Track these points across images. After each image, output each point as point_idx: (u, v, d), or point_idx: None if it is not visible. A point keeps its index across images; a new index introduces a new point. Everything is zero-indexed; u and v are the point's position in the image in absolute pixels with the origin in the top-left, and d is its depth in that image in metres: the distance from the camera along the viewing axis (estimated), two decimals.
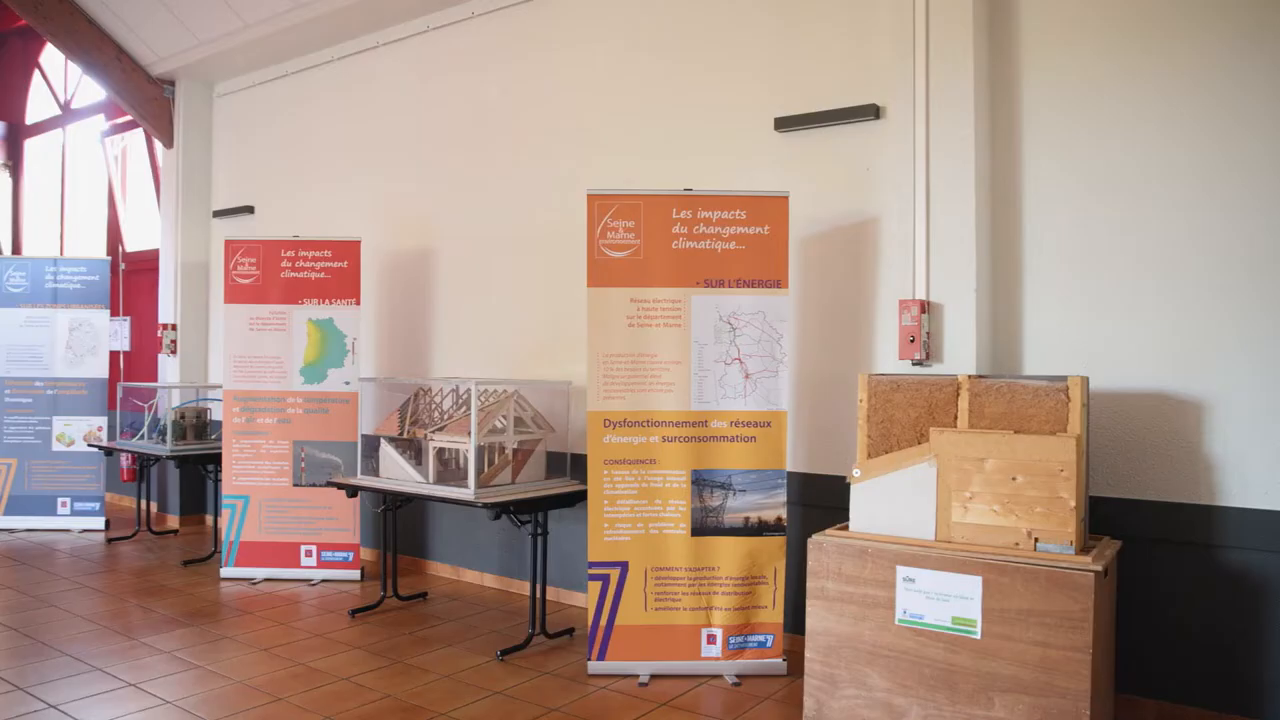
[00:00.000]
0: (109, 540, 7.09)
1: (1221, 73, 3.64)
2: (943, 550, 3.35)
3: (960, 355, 3.95)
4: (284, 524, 5.86)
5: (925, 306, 4.00)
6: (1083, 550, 3.26)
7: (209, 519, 7.63)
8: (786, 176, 4.55)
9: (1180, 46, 3.72)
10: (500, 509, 4.37)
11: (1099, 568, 3.11)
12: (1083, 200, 3.91)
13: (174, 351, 7.72)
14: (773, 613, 4.15)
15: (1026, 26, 4.06)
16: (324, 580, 5.83)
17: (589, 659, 4.16)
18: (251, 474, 5.87)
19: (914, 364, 4.03)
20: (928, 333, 4.00)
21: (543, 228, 5.58)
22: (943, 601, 3.31)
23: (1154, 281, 3.75)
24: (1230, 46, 3.63)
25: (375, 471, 5.07)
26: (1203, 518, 3.63)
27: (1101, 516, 3.75)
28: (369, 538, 6.23)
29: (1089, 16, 3.91)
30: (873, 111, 4.34)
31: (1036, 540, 3.27)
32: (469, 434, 4.52)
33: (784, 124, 4.59)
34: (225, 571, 5.87)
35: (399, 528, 5.48)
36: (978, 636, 3.24)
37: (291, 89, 7.19)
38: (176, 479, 7.66)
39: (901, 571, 3.39)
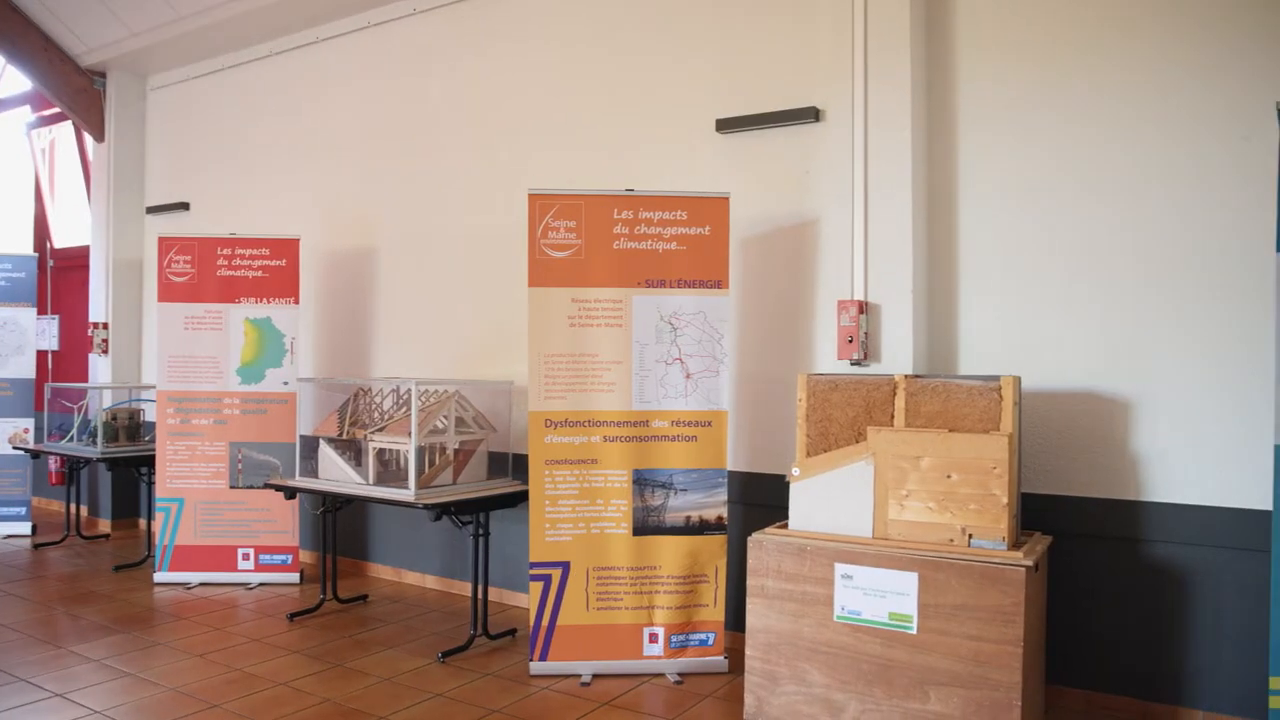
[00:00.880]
0: (36, 546, 6.89)
1: (1146, 81, 3.75)
2: (880, 547, 3.40)
3: (897, 355, 4.01)
4: (220, 527, 5.74)
5: (863, 307, 4.06)
6: (1015, 546, 3.34)
7: (142, 523, 7.44)
8: (728, 177, 4.58)
9: (1107, 55, 3.83)
10: (441, 510, 4.34)
11: (1030, 563, 3.18)
12: (1016, 203, 4.00)
13: (105, 351, 7.52)
14: (714, 611, 4.18)
15: (962, 35, 4.14)
16: (262, 584, 5.73)
17: (531, 659, 4.15)
18: (186, 476, 5.74)
19: (852, 364, 4.08)
20: (865, 333, 4.06)
21: (485, 227, 5.55)
22: (880, 598, 3.36)
23: (1084, 283, 3.85)
24: (1154, 54, 3.74)
25: (314, 473, 5.00)
26: (1130, 513, 3.74)
27: (1033, 512, 3.84)
28: (308, 540, 6.13)
29: (1021, 27, 4.00)
30: (813, 114, 4.39)
31: (970, 536, 3.33)
32: (409, 434, 4.47)
33: (725, 125, 4.62)
34: (159, 576, 5.74)
35: (339, 530, 5.41)
36: (914, 632, 3.30)
37: (229, 83, 7.05)
38: (108, 482, 7.46)
39: (840, 569, 3.44)
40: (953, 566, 3.25)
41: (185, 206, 7.31)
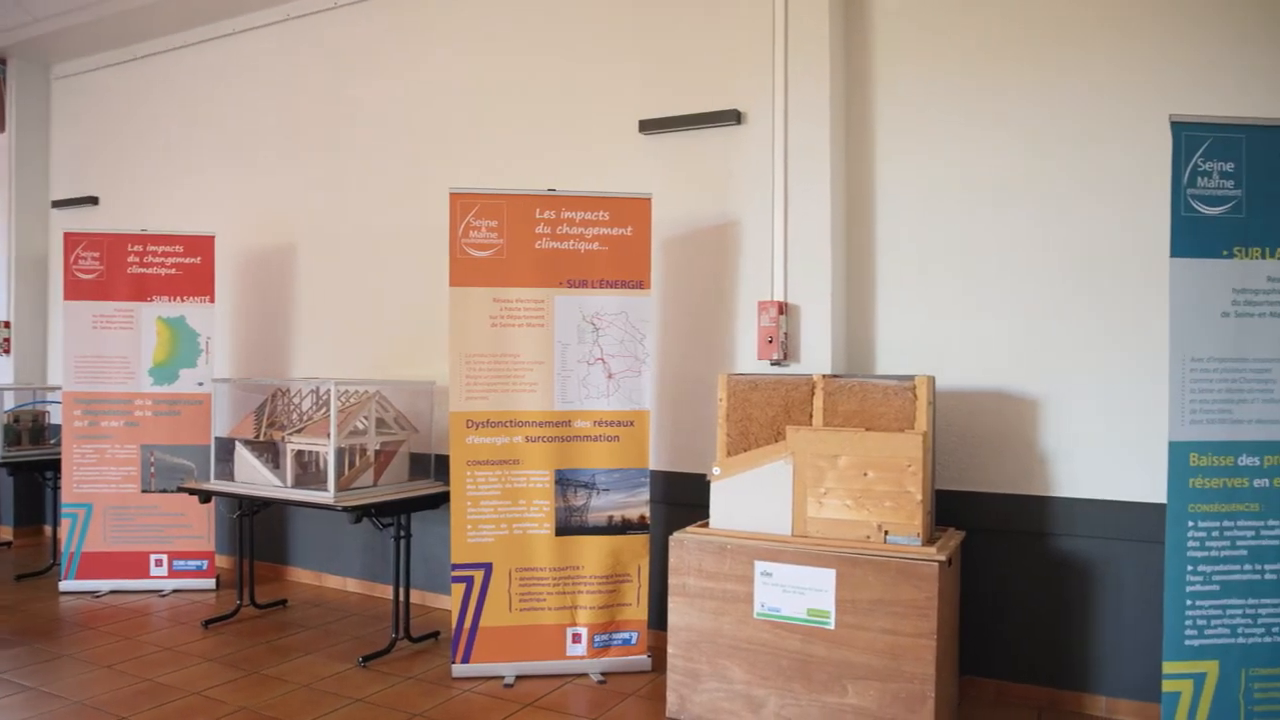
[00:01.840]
0: None
1: (1053, 92, 3.88)
2: (799, 545, 3.45)
3: (816, 355, 4.07)
4: (132, 532, 5.56)
5: (783, 308, 4.11)
6: (929, 541, 3.42)
7: (47, 529, 7.16)
8: (651, 178, 4.59)
9: (1019, 65, 3.95)
10: (361, 512, 4.28)
11: (943, 558, 3.26)
12: (931, 206, 4.10)
13: (7, 350, 7.21)
14: (637, 610, 4.19)
15: (879, 43, 4.22)
16: (176, 590, 5.57)
17: (453, 662, 4.11)
18: (95, 480, 5.55)
19: (772, 364, 4.14)
20: (785, 333, 4.11)
21: (407, 226, 5.48)
22: (799, 594, 3.41)
23: (995, 286, 3.97)
24: (1061, 65, 3.87)
25: (230, 476, 4.87)
26: (1037, 508, 3.86)
27: (947, 509, 3.94)
28: (225, 545, 5.98)
29: (936, 37, 4.11)
30: (734, 116, 4.43)
31: (886, 533, 3.41)
32: (329, 435, 4.39)
33: (648, 126, 4.64)
34: (65, 585, 5.53)
35: (257, 533, 5.28)
36: (831, 627, 3.36)
37: (141, 74, 6.82)
38: (10, 487, 7.16)
39: (759, 566, 3.48)
40: (869, 563, 3.32)
41: (94, 201, 7.05)
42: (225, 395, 5.21)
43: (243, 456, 4.81)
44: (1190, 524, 2.94)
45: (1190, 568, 2.94)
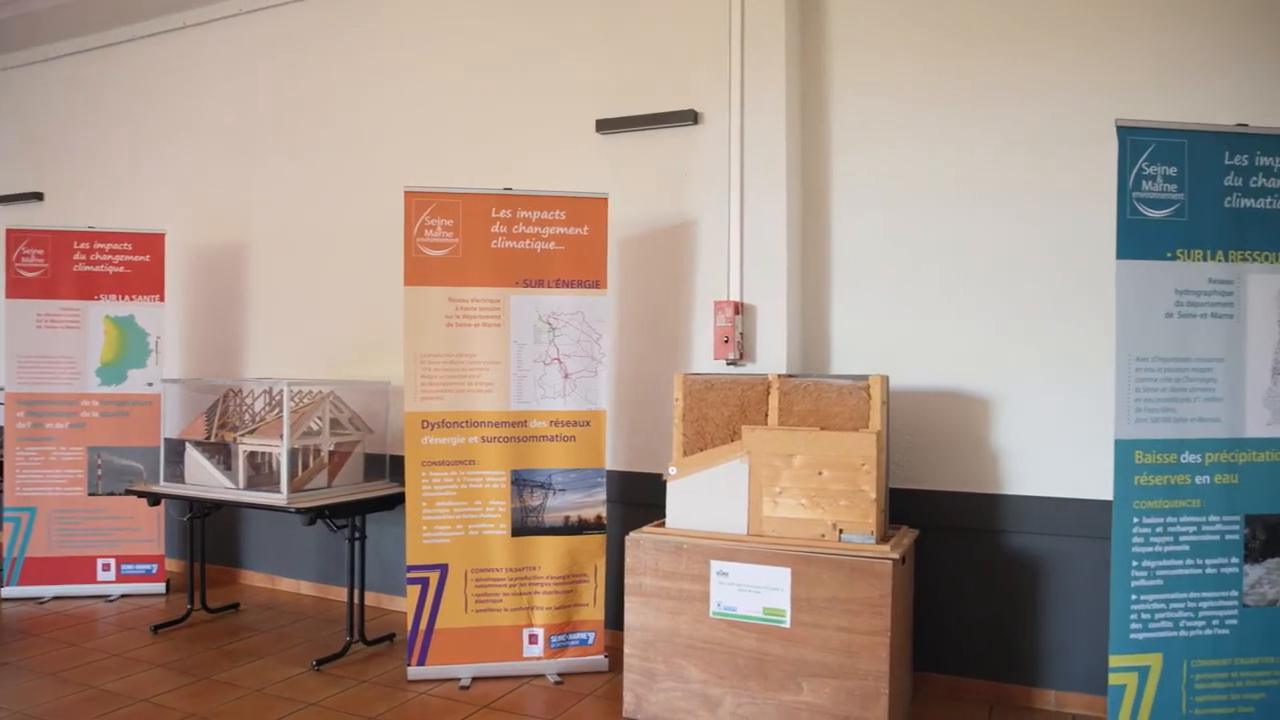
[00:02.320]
0: None
1: (1007, 95, 3.93)
2: (754, 544, 3.47)
3: (772, 355, 4.09)
4: (78, 536, 5.44)
5: (739, 308, 4.13)
6: (883, 540, 3.45)
7: None
8: (608, 178, 4.59)
9: (973, 69, 4.00)
10: (315, 513, 4.22)
11: (897, 556, 3.30)
12: (886, 207, 4.14)
13: None
14: (593, 610, 4.19)
15: (835, 46, 4.26)
16: (124, 595, 5.46)
17: (409, 664, 4.08)
18: (39, 483, 5.42)
19: (728, 364, 4.15)
20: (741, 333, 4.13)
21: (362, 224, 5.42)
22: (754, 593, 3.43)
23: (949, 286, 4.02)
24: (1015, 70, 3.93)
25: (181, 478, 4.79)
26: (989, 506, 3.91)
27: (901, 507, 3.98)
28: (175, 548, 5.88)
29: (891, 41, 4.15)
30: (691, 117, 4.44)
31: (841, 531, 3.43)
32: (282, 436, 4.33)
33: (605, 126, 4.63)
34: (7, 591, 5.40)
35: (209, 536, 5.19)
36: (787, 625, 3.38)
37: (89, 67, 6.67)
38: None
39: (715, 565, 3.49)
40: (824, 561, 3.34)
41: (39, 197, 6.89)
42: (175, 396, 5.12)
43: (193, 458, 4.73)
44: (1135, 520, 3.00)
45: (1135, 563, 3.00)
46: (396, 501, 4.54)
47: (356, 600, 4.47)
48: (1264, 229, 3.02)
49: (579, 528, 4.16)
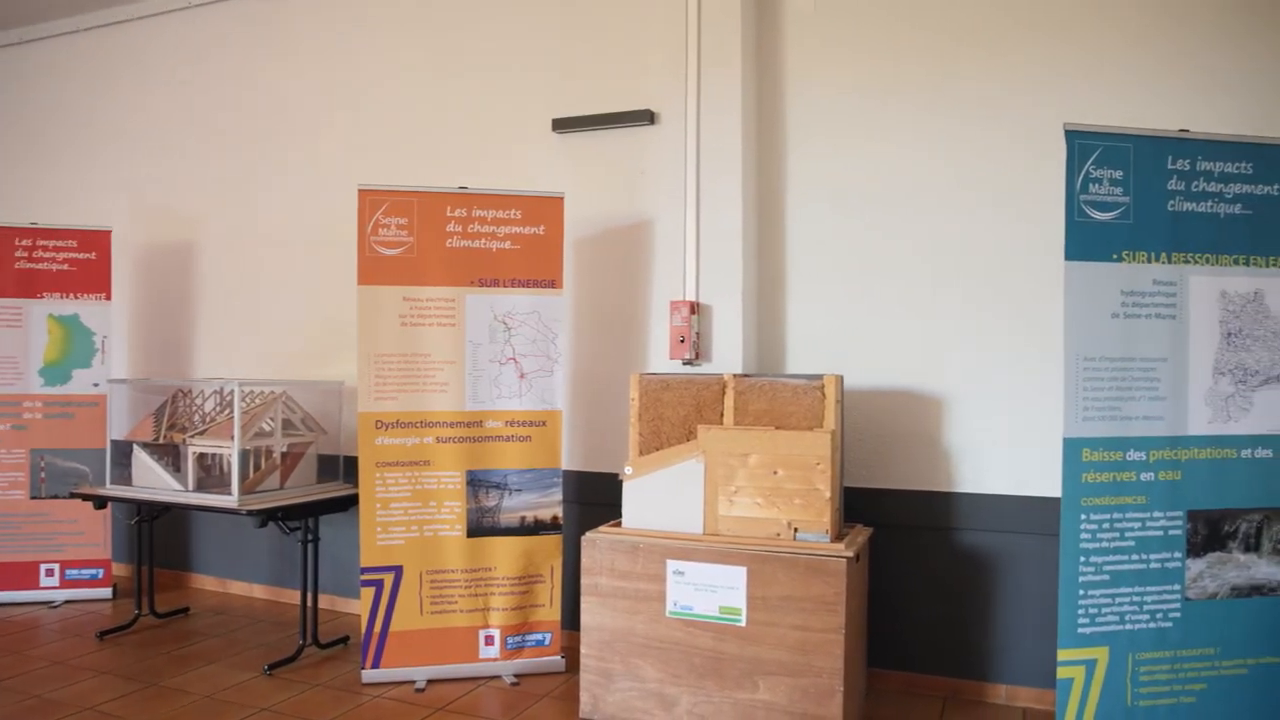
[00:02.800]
0: None
1: (957, 99, 3.99)
2: (710, 543, 3.48)
3: (728, 355, 4.11)
4: (19, 541, 5.31)
5: (695, 307, 4.14)
6: (837, 538, 3.48)
7: None
8: (564, 177, 4.58)
9: (924, 74, 4.05)
10: (266, 515, 4.17)
11: (851, 554, 3.33)
12: (842, 206, 4.17)
13: None
14: (550, 611, 4.18)
15: (790, 47, 4.28)
16: (68, 601, 5.34)
17: (363, 667, 4.03)
18: None
19: (684, 363, 4.16)
20: (697, 333, 4.14)
21: (315, 222, 5.35)
22: (710, 592, 3.44)
23: (902, 286, 4.06)
24: (964, 75, 3.98)
25: (128, 480, 4.69)
26: (942, 504, 3.96)
27: (855, 506, 4.02)
28: (122, 552, 5.75)
29: (846, 45, 4.19)
30: (647, 116, 4.44)
31: (796, 530, 3.45)
32: (233, 437, 4.26)
33: (562, 125, 4.62)
34: None
35: (157, 540, 5.10)
36: (743, 624, 3.40)
37: (30, 59, 6.50)
38: None
39: (671, 565, 3.50)
40: (779, 560, 3.36)
41: None
42: (123, 397, 5.01)
43: (141, 460, 4.64)
44: (1083, 517, 3.05)
45: (1083, 559, 3.05)
46: (350, 503, 4.48)
47: (310, 603, 4.41)
48: (1204, 232, 3.09)
49: (535, 528, 4.14)
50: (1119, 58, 3.75)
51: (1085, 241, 3.05)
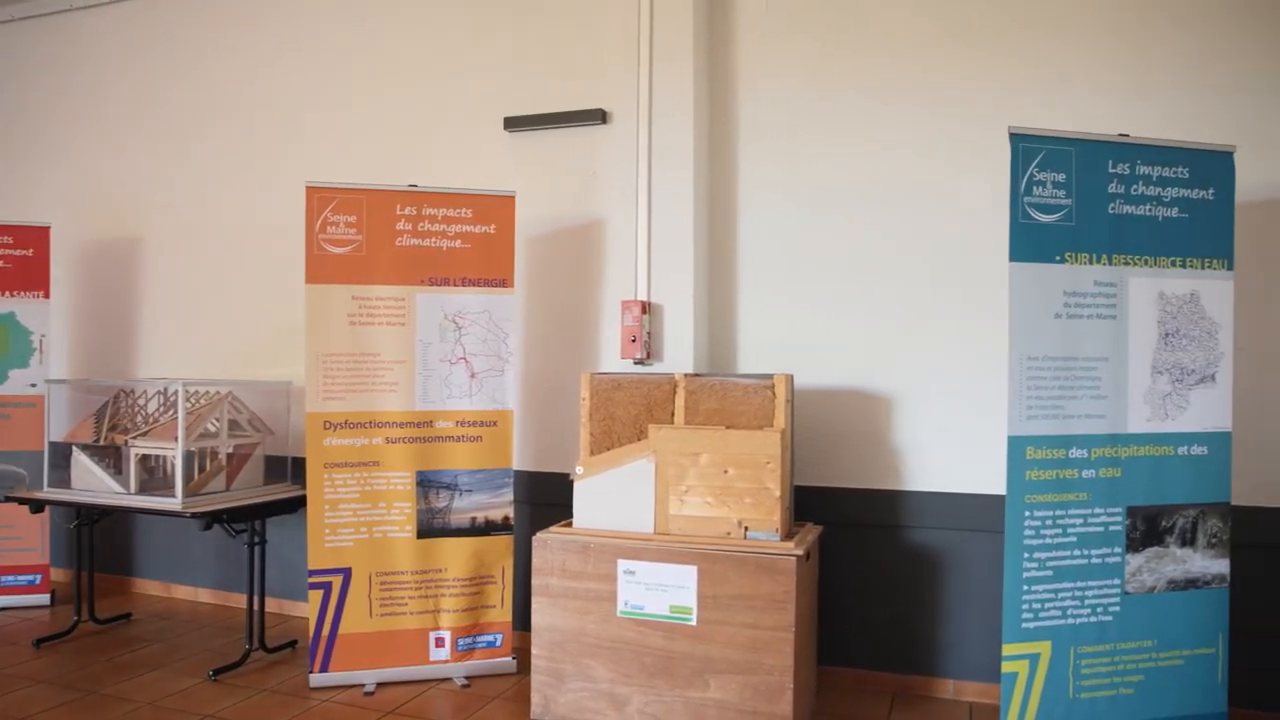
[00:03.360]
0: None
1: (907, 102, 4.04)
2: (661, 542, 3.48)
3: (679, 355, 4.12)
4: None
5: (646, 307, 4.15)
6: (787, 536, 3.50)
7: None
8: (515, 176, 4.56)
9: (875, 77, 4.10)
10: (212, 518, 4.09)
11: (800, 552, 3.35)
12: (792, 206, 4.20)
13: None
14: (501, 612, 4.15)
15: (742, 48, 4.31)
16: (3, 609, 5.18)
17: (311, 671, 3.98)
18: None
19: (636, 363, 4.16)
20: (649, 333, 4.14)
21: (263, 220, 5.26)
22: (661, 592, 3.44)
23: (853, 287, 4.10)
24: (914, 77, 4.03)
25: (67, 483, 4.58)
26: (891, 502, 4.01)
27: (805, 504, 4.05)
28: (61, 557, 5.61)
29: (797, 47, 4.21)
30: (600, 116, 4.44)
31: (746, 529, 3.47)
32: (177, 438, 4.18)
33: (514, 124, 4.60)
34: None
35: (99, 544, 4.98)
36: (694, 623, 3.40)
37: None
38: None
39: (622, 565, 3.50)
40: (729, 558, 3.37)
41: None
42: (62, 397, 4.90)
43: (81, 462, 4.53)
44: (1027, 513, 3.10)
45: (1027, 555, 3.10)
46: (298, 504, 4.42)
47: (256, 607, 4.34)
48: (1143, 234, 3.16)
49: (486, 529, 4.11)
50: (1062, 62, 3.82)
51: (1029, 243, 3.10)
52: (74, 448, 4.57)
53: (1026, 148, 3.10)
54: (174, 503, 4.14)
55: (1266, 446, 3.58)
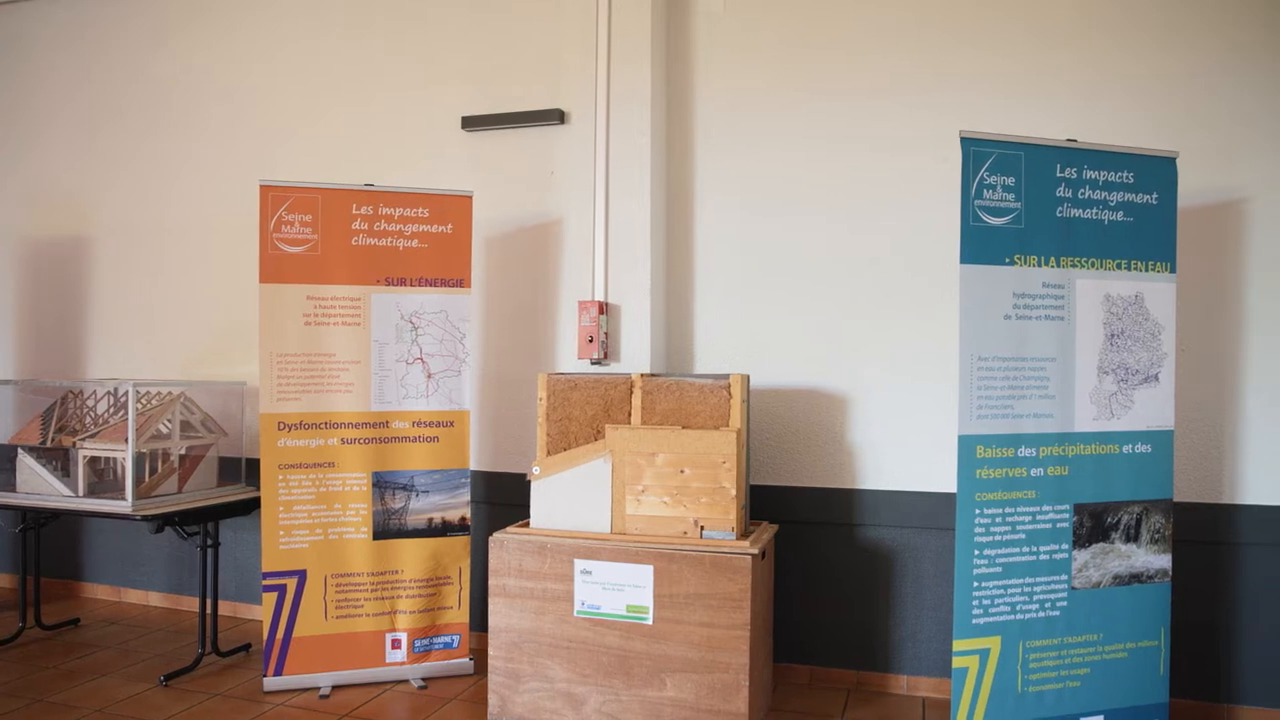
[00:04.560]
0: None
1: (863, 106, 4.08)
2: (617, 542, 3.50)
3: (636, 355, 4.13)
4: None
5: (603, 307, 4.15)
6: (743, 535, 3.53)
7: None
8: (473, 175, 4.54)
9: (833, 80, 4.14)
10: (163, 521, 4.03)
11: (756, 551, 3.38)
12: (749, 207, 4.23)
13: None
14: (458, 613, 4.14)
15: (699, 50, 4.33)
16: None
17: (265, 675, 3.93)
18: None
19: (593, 363, 4.17)
20: (606, 333, 4.15)
21: (217, 218, 5.19)
22: (618, 591, 3.45)
23: (809, 287, 4.14)
24: (871, 80, 4.08)
25: (12, 486, 4.48)
26: (846, 500, 4.05)
27: (762, 503, 4.08)
28: (6, 562, 5.50)
29: (756, 39, 4.24)
30: (558, 116, 4.44)
31: (702, 528, 3.49)
32: (127, 440, 4.12)
33: (472, 123, 4.58)
34: None
35: (46, 548, 4.89)
36: (650, 622, 3.42)
37: None
38: None
39: (579, 565, 3.50)
40: (685, 558, 3.39)
41: None
42: (7, 398, 4.79)
43: (26, 464, 4.44)
44: (977, 511, 3.16)
45: (977, 552, 3.15)
46: (253, 506, 4.37)
47: (209, 610, 4.29)
48: (1090, 237, 3.23)
49: (443, 529, 4.10)
50: (1013, 68, 3.89)
51: (979, 245, 3.15)
52: (19, 450, 4.48)
53: (977, 151, 3.15)
54: (124, 505, 4.08)
55: (1206, 445, 3.68)
